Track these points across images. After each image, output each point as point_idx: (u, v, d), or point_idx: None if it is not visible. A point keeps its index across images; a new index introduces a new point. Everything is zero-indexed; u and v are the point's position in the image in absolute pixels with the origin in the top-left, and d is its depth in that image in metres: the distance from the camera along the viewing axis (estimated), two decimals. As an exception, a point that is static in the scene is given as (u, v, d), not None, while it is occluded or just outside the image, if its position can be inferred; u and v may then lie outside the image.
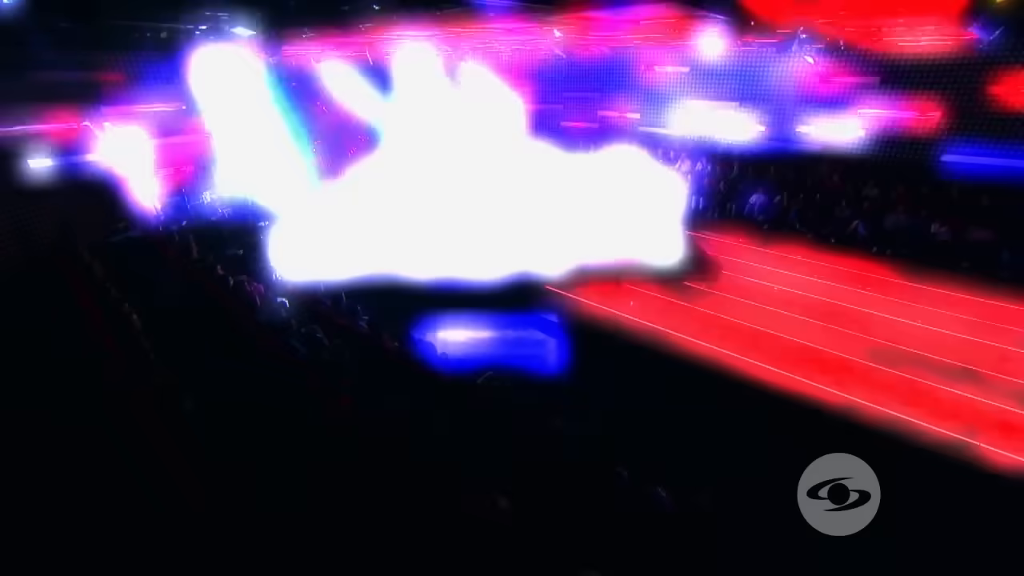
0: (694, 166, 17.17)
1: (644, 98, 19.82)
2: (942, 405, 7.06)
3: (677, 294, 10.33)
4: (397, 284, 10.35)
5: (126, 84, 13.13)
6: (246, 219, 13.42)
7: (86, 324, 6.74)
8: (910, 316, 9.31)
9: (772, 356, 8.19)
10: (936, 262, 11.03)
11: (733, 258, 12.17)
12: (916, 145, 13.75)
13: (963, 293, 9.92)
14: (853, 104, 14.61)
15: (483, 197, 13.07)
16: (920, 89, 13.21)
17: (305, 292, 9.57)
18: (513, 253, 11.11)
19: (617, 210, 12.61)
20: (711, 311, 9.75)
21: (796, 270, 11.48)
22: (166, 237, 12.01)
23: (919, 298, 9.87)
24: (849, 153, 14.96)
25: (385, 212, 12.76)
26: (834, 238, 12.80)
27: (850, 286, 10.58)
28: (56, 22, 10.27)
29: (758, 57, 15.95)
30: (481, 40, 13.30)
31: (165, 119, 14.21)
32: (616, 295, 10.22)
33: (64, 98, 12.13)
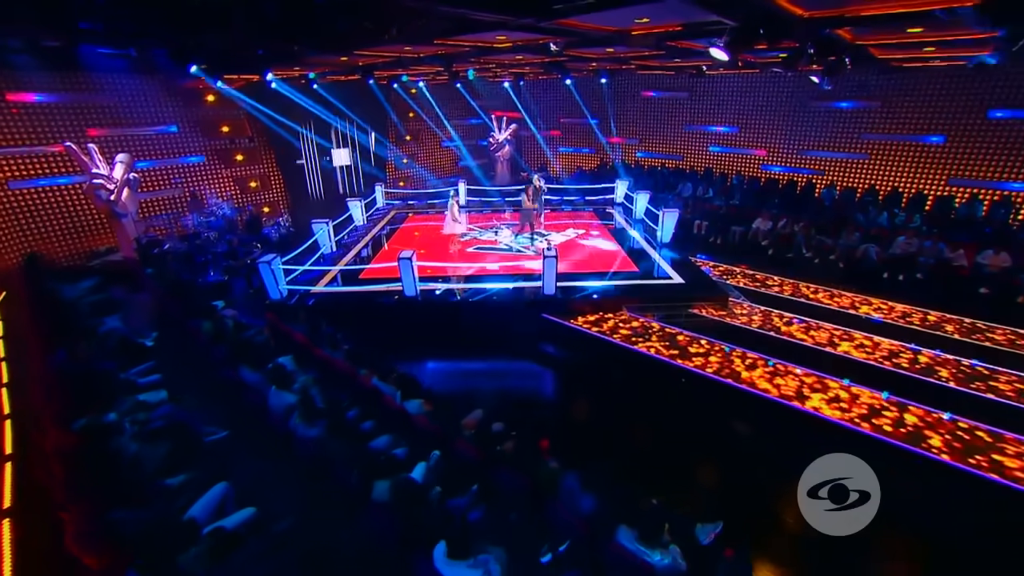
0: (695, 190, 16.83)
1: (644, 122, 19.71)
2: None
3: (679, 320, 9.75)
4: (390, 304, 9.84)
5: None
6: (233, 244, 12.90)
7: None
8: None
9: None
10: (952, 288, 10.53)
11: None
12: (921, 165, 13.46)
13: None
14: (858, 125, 14.40)
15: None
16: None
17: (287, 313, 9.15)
18: (511, 277, 10.61)
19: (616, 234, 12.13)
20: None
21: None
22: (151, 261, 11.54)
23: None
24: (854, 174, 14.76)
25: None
26: (843, 263, 12.28)
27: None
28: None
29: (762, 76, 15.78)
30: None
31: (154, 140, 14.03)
32: (621, 322, 9.61)
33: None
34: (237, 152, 15.94)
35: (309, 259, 11.64)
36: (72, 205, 12.73)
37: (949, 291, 10.53)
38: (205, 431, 5.66)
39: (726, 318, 9.76)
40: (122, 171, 12.07)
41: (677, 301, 10.19)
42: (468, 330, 9.61)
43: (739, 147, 17.26)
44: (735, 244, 14.04)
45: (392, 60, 10.74)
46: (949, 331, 9.16)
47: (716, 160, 18.07)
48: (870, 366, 8.03)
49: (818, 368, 7.80)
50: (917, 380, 7.63)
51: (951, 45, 7.30)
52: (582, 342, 9.16)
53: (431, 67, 11.74)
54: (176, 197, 14.64)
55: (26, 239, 12.07)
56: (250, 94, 14.70)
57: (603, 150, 21.21)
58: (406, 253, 9.63)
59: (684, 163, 18.99)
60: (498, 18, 5.86)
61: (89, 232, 13.06)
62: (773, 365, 7.97)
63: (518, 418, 6.40)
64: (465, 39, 7.85)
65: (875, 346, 8.60)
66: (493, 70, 14.40)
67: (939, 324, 9.44)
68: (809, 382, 7.51)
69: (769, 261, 12.87)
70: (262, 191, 16.86)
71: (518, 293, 10.12)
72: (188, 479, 4.39)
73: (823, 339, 8.86)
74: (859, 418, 6.69)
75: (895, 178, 14.07)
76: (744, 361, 8.10)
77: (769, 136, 16.42)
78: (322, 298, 10.28)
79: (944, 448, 6.15)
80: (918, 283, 11.15)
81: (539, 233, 14.24)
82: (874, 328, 9.29)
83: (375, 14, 6.94)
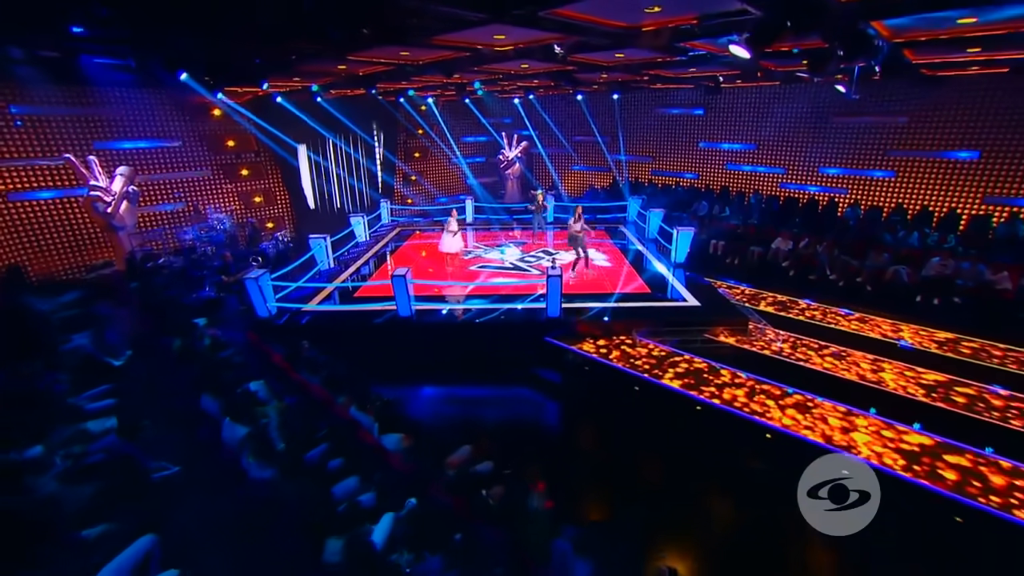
0: (710, 209, 16.11)
1: (657, 140, 19.14)
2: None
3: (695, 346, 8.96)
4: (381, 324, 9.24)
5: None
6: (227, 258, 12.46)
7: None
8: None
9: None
10: (995, 312, 9.63)
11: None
12: (953, 183, 12.61)
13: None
14: (884, 141, 13.64)
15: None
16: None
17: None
18: (514, 297, 9.94)
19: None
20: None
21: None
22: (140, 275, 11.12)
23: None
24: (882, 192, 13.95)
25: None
26: (870, 285, 11.41)
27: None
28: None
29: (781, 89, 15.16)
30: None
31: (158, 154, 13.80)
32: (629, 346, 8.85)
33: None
34: (242, 167, 15.66)
35: (304, 276, 11.12)
36: (71, 218, 12.43)
37: (991, 316, 9.64)
38: (153, 466, 5.03)
39: (746, 344, 8.97)
40: (122, 183, 11.78)
41: (693, 325, 9.41)
42: (464, 353, 8.94)
43: (757, 164, 16.54)
44: (753, 265, 13.25)
45: (393, 69, 10.31)
46: (993, 360, 8.26)
47: (733, 178, 17.36)
48: (901, 397, 7.19)
49: (847, 400, 6.97)
50: (958, 415, 6.76)
51: (999, 44, 6.58)
52: (587, 368, 8.43)
53: (434, 77, 11.30)
54: (178, 211, 14.33)
55: (24, 251, 11.74)
56: (255, 110, 14.48)
57: (618, 168, 20.63)
58: (400, 271, 9.03)
59: (699, 181, 18.30)
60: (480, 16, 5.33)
61: (88, 245, 12.73)
62: (792, 394, 7.18)
63: (514, 452, 5.74)
64: (457, 38, 7.34)
65: (910, 375, 7.75)
66: (500, 83, 13.96)
67: (982, 350, 8.55)
68: (838, 416, 6.67)
69: (790, 283, 12.06)
70: (267, 206, 16.52)
71: (521, 315, 9.44)
72: (109, 530, 3.73)
73: (853, 368, 8.02)
74: (890, 459, 5.84)
75: (924, 196, 13.21)
76: (766, 394, 7.28)
77: (789, 153, 15.69)
78: (314, 317, 9.70)
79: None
80: (956, 307, 10.25)
81: (546, 251, 13.63)
82: (907, 355, 8.44)
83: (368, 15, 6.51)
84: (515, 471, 5.47)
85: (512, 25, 6.16)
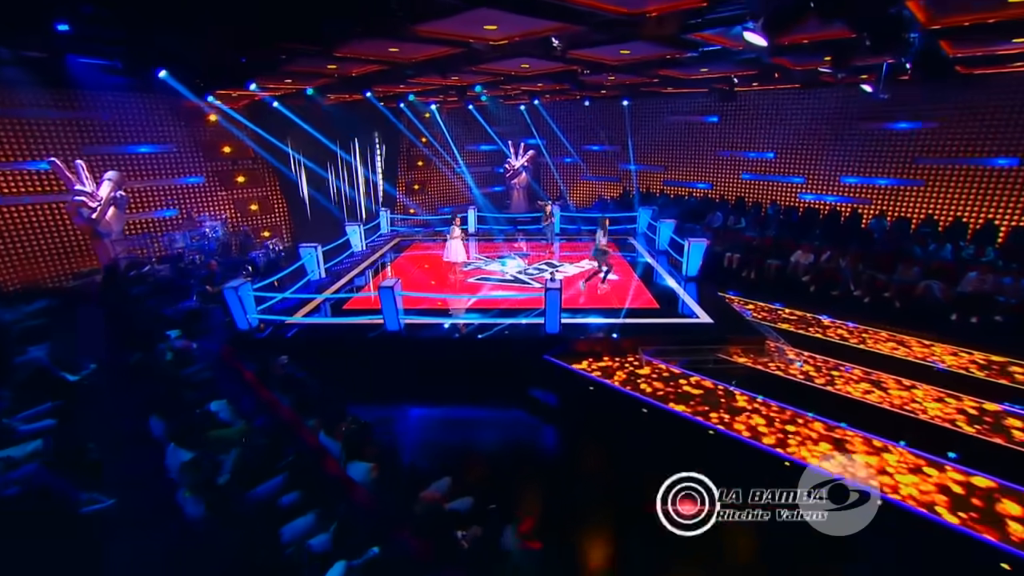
0: (725, 220, 15.35)
1: (670, 148, 18.49)
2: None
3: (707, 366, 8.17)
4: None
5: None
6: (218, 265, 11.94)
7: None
8: None
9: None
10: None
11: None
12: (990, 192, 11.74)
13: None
14: (912, 148, 12.83)
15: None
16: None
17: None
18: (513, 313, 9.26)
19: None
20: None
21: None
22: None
23: None
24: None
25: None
26: (899, 302, 10.56)
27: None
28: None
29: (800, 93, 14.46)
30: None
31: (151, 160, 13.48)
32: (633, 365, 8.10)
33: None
34: (238, 173, 15.29)
35: (293, 286, 10.56)
36: (58, 224, 12.08)
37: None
38: (84, 499, 4.41)
39: (762, 365, 8.17)
40: (109, 189, 11.42)
41: (704, 344, 8.63)
42: (455, 372, 8.25)
43: (775, 174, 15.77)
44: (771, 279, 12.45)
45: (387, 69, 9.81)
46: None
47: (749, 188, 16.59)
48: (937, 427, 6.35)
49: (877, 430, 6.14)
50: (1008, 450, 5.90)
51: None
52: (588, 389, 7.68)
53: (431, 79, 10.80)
54: (171, 218, 13.94)
55: (8, 258, 11.35)
56: (252, 116, 14.13)
57: (628, 178, 19.97)
58: (388, 282, 8.41)
59: (714, 191, 17.56)
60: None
61: (76, 252, 12.35)
62: (812, 418, 6.39)
63: (503, 483, 5.06)
64: (446, 28, 6.77)
65: (949, 400, 6.89)
66: (504, 87, 13.43)
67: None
68: (865, 446, 5.85)
69: (811, 298, 11.23)
70: (263, 214, 16.12)
71: (518, 330, 8.75)
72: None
73: (883, 394, 7.18)
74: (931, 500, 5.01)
75: (958, 207, 12.34)
76: (788, 420, 6.49)
77: (809, 161, 14.92)
78: (300, 330, 9.10)
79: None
80: (996, 326, 9.36)
81: (549, 264, 12.97)
82: (943, 379, 7.59)
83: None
84: (501, 506, 4.79)
85: (501, 10, 5.57)
